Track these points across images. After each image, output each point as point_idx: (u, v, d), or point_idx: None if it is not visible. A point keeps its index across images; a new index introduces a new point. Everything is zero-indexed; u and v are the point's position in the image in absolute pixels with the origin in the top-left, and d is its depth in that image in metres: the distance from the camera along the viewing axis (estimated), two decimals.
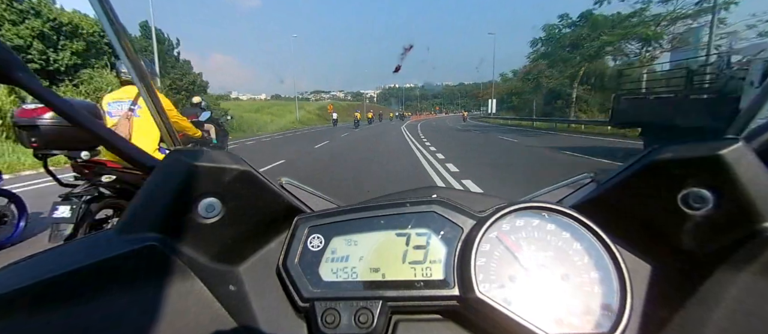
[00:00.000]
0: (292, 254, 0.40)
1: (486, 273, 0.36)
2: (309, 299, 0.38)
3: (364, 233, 0.40)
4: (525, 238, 0.38)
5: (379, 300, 0.37)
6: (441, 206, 0.40)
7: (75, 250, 0.34)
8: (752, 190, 0.31)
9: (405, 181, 6.25)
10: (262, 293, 0.40)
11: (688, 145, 0.34)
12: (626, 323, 0.33)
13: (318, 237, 0.41)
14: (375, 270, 0.39)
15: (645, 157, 0.35)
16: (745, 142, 0.32)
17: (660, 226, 0.36)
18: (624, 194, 0.37)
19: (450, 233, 0.39)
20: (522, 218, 0.38)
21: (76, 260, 0.32)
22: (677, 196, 0.34)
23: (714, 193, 0.33)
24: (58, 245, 0.36)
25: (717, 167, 0.32)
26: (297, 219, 0.42)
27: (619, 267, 0.35)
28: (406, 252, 0.39)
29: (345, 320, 0.37)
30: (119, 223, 0.36)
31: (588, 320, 0.34)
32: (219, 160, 0.37)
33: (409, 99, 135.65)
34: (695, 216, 0.33)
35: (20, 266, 0.33)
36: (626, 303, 0.33)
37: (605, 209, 0.38)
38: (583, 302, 0.34)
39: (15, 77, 0.34)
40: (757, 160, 0.32)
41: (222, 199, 0.37)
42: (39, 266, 0.32)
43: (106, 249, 0.33)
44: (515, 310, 0.34)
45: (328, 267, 0.39)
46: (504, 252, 0.37)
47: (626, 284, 0.34)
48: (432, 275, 0.38)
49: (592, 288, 0.35)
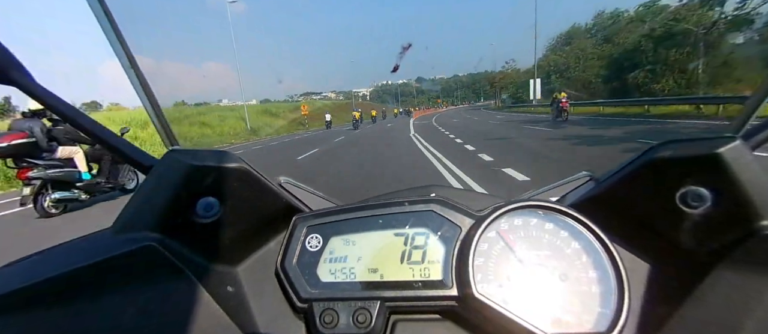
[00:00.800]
0: (290, 255, 0.40)
1: (484, 273, 0.36)
2: (307, 299, 0.38)
3: (362, 233, 0.40)
4: (523, 237, 0.37)
5: (377, 300, 0.37)
6: (439, 205, 0.40)
7: (73, 250, 0.34)
8: (750, 189, 0.31)
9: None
10: (261, 293, 0.40)
11: (687, 143, 0.33)
12: (624, 322, 0.33)
13: (316, 237, 0.41)
14: (373, 271, 0.39)
15: (643, 156, 0.35)
16: (743, 141, 0.32)
17: (658, 224, 0.36)
18: (622, 193, 0.37)
19: (448, 233, 0.39)
20: (520, 217, 0.38)
21: (73, 261, 0.32)
22: (675, 194, 0.34)
23: (712, 191, 0.32)
24: (56, 245, 0.36)
25: (715, 166, 0.32)
26: (295, 219, 0.42)
27: (616, 266, 0.34)
28: (405, 252, 0.39)
29: (343, 320, 0.37)
30: (117, 223, 0.36)
31: (586, 320, 0.34)
32: (217, 159, 0.37)
33: (404, 95, 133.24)
34: (693, 215, 0.33)
35: (18, 266, 0.33)
36: (624, 302, 0.33)
37: (603, 207, 0.38)
38: (581, 302, 0.34)
39: (12, 77, 0.34)
40: (756, 159, 0.32)
41: (220, 198, 0.37)
42: (36, 266, 0.33)
43: (103, 249, 0.33)
44: (513, 309, 0.34)
45: (327, 268, 0.39)
46: (502, 251, 0.37)
47: (624, 283, 0.34)
48: (430, 275, 0.38)
49: (590, 287, 0.35)
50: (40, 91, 0.35)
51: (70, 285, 0.31)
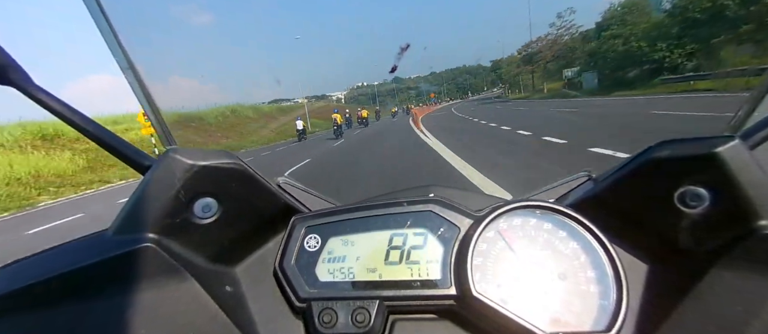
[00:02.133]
0: (288, 255, 0.40)
1: (483, 272, 0.36)
2: (306, 299, 0.38)
3: (361, 233, 0.40)
4: (522, 237, 0.37)
5: (376, 300, 0.37)
6: (438, 205, 0.40)
7: (71, 251, 0.34)
8: (749, 188, 0.31)
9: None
10: (259, 293, 0.40)
11: (686, 143, 0.33)
12: (622, 321, 0.33)
13: (315, 237, 0.41)
14: (372, 270, 0.39)
15: (641, 156, 0.35)
16: (742, 140, 0.32)
17: (656, 224, 0.36)
18: (621, 193, 0.37)
19: (447, 233, 0.39)
20: (519, 217, 0.38)
21: (71, 262, 0.31)
22: (674, 194, 0.34)
23: (710, 191, 0.32)
24: (53, 246, 0.36)
25: (714, 165, 0.32)
26: (294, 219, 0.42)
27: (615, 266, 0.35)
28: (403, 252, 0.39)
29: (342, 320, 0.37)
30: (115, 223, 0.36)
31: (585, 319, 0.34)
32: (216, 159, 0.37)
33: (381, 95, 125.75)
34: (692, 214, 0.33)
35: (16, 267, 0.33)
36: (622, 302, 0.33)
37: (602, 207, 0.38)
38: (579, 301, 0.34)
39: (10, 78, 0.34)
40: (754, 158, 0.32)
41: (218, 199, 0.37)
42: (35, 267, 0.33)
43: (101, 250, 0.33)
44: (512, 309, 0.34)
45: (325, 268, 0.39)
46: (501, 251, 0.37)
47: (622, 282, 0.34)
48: (429, 275, 0.38)
49: (589, 287, 0.35)
50: (37, 92, 0.34)
51: (68, 286, 0.31)
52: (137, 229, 0.35)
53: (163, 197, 0.35)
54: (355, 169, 7.75)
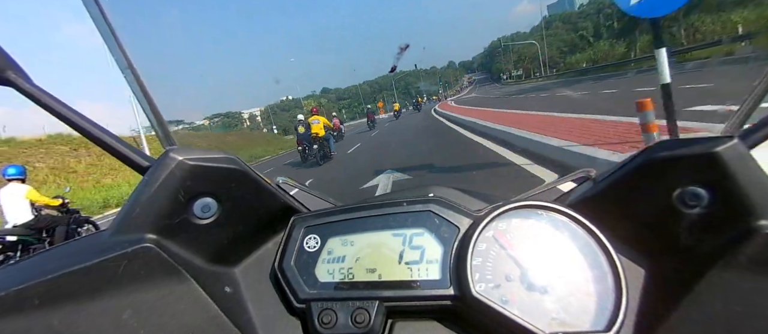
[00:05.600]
0: (288, 255, 0.40)
1: (482, 273, 0.36)
2: (305, 299, 0.38)
3: (360, 234, 0.40)
4: (521, 237, 0.37)
5: (375, 300, 0.37)
6: (438, 205, 0.40)
7: (70, 252, 0.34)
8: (748, 188, 0.31)
9: None
10: (258, 294, 0.40)
11: (684, 143, 0.33)
12: (622, 321, 0.33)
13: (314, 237, 0.41)
14: (371, 271, 0.39)
15: (640, 156, 0.35)
16: (740, 140, 0.32)
17: (655, 224, 0.36)
18: (620, 193, 0.37)
19: (446, 233, 0.39)
20: (518, 217, 0.38)
21: (70, 262, 0.31)
22: (672, 194, 0.34)
23: (709, 191, 0.32)
24: (53, 247, 0.36)
25: (712, 165, 0.32)
26: (293, 219, 0.42)
27: (614, 265, 0.35)
28: (403, 252, 0.39)
29: (342, 320, 0.37)
30: (114, 224, 0.36)
31: (584, 319, 0.34)
32: (215, 159, 0.37)
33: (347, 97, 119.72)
34: (690, 214, 0.33)
35: (15, 268, 0.33)
36: (622, 302, 0.33)
37: (601, 207, 0.38)
38: (578, 301, 0.34)
39: (8, 78, 0.34)
40: (753, 158, 0.32)
41: (218, 199, 0.37)
42: (34, 268, 0.32)
43: (100, 251, 0.32)
44: (511, 309, 0.34)
45: (325, 268, 0.39)
46: (500, 251, 0.37)
47: (622, 282, 0.34)
48: (428, 275, 0.38)
49: (588, 287, 0.35)
50: (36, 91, 0.35)
51: (67, 287, 0.30)
52: (136, 229, 0.35)
53: (162, 198, 0.35)
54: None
